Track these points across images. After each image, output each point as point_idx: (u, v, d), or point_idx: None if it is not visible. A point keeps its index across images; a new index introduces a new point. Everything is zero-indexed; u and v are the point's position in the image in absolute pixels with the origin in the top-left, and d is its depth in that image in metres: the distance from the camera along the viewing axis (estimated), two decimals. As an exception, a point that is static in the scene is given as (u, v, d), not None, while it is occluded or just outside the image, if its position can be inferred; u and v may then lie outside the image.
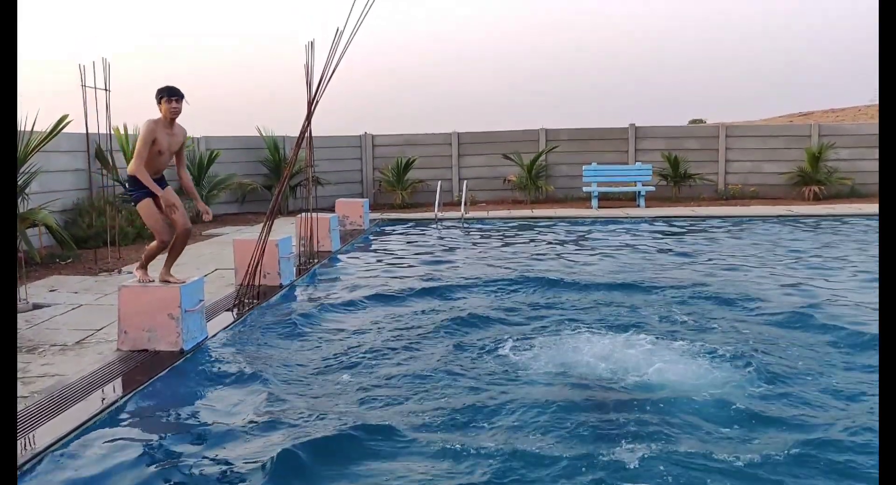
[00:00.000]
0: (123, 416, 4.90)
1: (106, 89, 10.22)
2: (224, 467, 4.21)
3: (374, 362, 6.03)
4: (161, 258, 6.53)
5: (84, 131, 10.17)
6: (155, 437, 4.66)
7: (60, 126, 9.53)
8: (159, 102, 6.08)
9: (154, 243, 6.39)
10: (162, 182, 6.29)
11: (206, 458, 4.37)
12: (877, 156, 18.56)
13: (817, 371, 5.69)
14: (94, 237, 11.14)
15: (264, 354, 6.30)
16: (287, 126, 21.10)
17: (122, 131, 13.40)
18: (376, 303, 8.14)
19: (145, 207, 6.18)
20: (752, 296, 8.19)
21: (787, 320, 7.20)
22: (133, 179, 6.14)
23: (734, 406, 4.98)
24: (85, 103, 9.96)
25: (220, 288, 8.57)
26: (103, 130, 10.45)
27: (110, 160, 11.40)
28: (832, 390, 5.34)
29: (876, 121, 27.48)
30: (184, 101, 6.14)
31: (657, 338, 6.48)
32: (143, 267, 6.41)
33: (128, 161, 13.64)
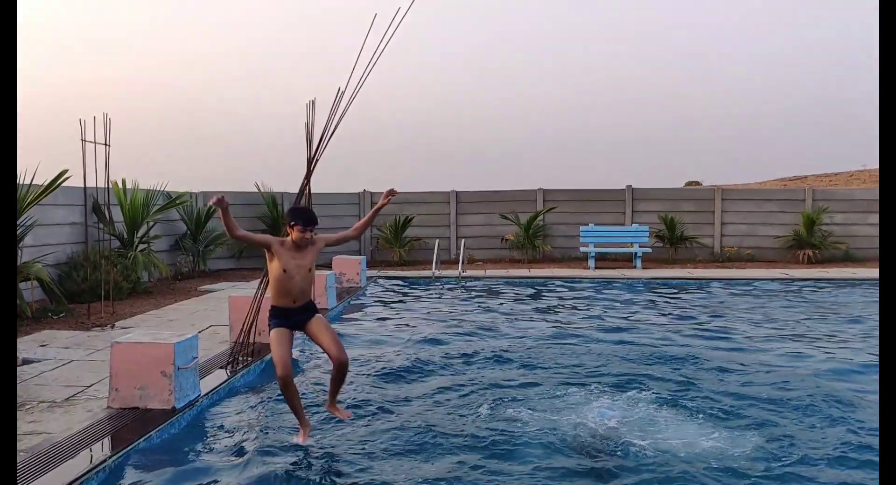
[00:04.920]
0: (112, 476, 4.76)
1: (106, 144, 10.32)
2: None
3: (369, 421, 5.91)
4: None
5: (82, 185, 10.20)
6: (142, 500, 4.52)
7: (60, 180, 9.59)
8: (290, 227, 5.33)
9: None
10: (304, 311, 5.46)
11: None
12: (870, 221, 18.80)
13: (816, 432, 5.61)
14: (89, 291, 11.07)
15: (258, 414, 6.17)
16: (286, 181, 21.28)
17: (120, 186, 13.48)
18: (373, 361, 8.03)
19: (272, 336, 5.37)
20: (748, 360, 8.13)
21: (784, 383, 7.17)
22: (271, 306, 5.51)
23: (734, 469, 4.92)
24: (84, 157, 10.04)
25: (214, 345, 8.46)
26: (102, 184, 10.50)
27: (107, 214, 11.43)
28: (831, 449, 5.30)
29: (868, 187, 27.87)
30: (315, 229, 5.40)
31: (654, 398, 6.42)
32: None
33: (125, 215, 13.80)
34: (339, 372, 5.39)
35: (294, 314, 5.42)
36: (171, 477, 4.84)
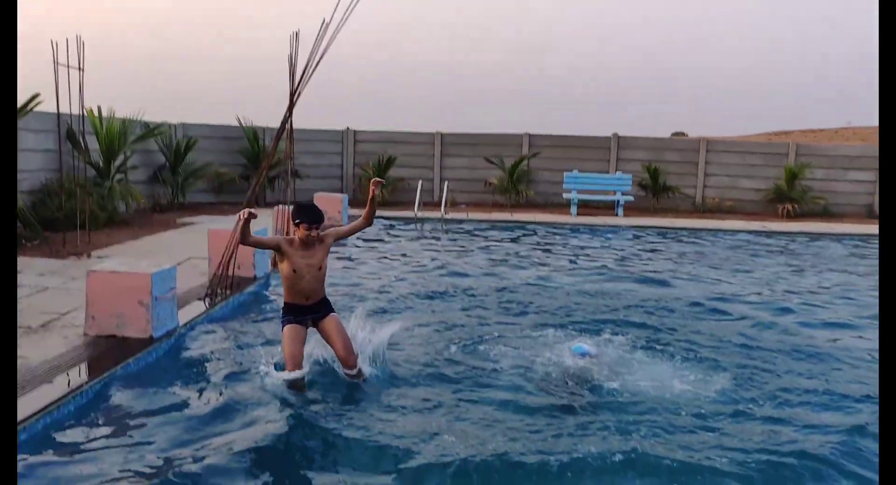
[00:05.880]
0: (89, 401, 4.77)
1: (80, 68, 9.94)
2: (188, 457, 4.10)
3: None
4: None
5: (55, 111, 9.86)
6: (120, 424, 4.54)
7: (31, 105, 9.27)
8: (296, 224, 5.25)
9: None
10: (317, 309, 5.36)
11: (172, 446, 4.26)
12: (850, 177, 18.94)
13: (785, 377, 5.76)
14: (64, 220, 10.86)
15: (236, 345, 6.18)
16: (267, 117, 20.86)
17: (95, 113, 13.11)
18: (351, 299, 8.04)
19: (284, 332, 5.29)
20: (723, 307, 8.27)
21: (757, 327, 7.37)
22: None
23: (705, 404, 5.08)
24: (57, 81, 9.67)
25: (193, 277, 8.40)
26: (76, 111, 10.16)
27: (82, 142, 11.14)
28: (800, 393, 5.48)
29: (852, 143, 27.95)
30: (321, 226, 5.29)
31: (628, 342, 6.53)
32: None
33: (101, 144, 13.47)
34: (350, 375, 5.31)
35: (307, 312, 5.32)
36: (148, 404, 4.86)
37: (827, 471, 4.17)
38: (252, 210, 4.93)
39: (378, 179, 5.48)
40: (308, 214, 5.20)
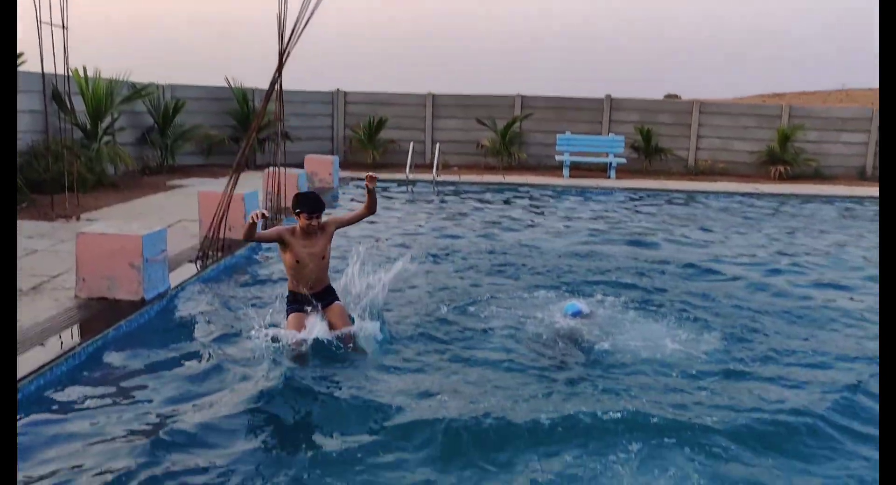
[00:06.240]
0: (81, 363, 4.77)
1: (63, 26, 9.71)
2: (180, 416, 4.13)
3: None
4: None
5: (40, 71, 9.66)
6: (113, 385, 4.56)
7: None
8: (296, 214, 5.24)
9: None
10: (320, 297, 5.37)
11: (164, 406, 4.29)
12: (842, 140, 18.93)
13: (774, 338, 5.83)
14: (51, 182, 10.74)
15: (227, 307, 6.17)
16: (257, 78, 20.49)
17: (81, 74, 12.86)
18: (342, 261, 8.02)
19: (288, 320, 5.33)
20: (715, 267, 8.32)
21: (749, 288, 7.44)
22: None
23: (697, 364, 5.13)
24: (40, 40, 9.46)
25: (184, 239, 8.36)
26: (60, 71, 9.96)
27: (68, 103, 10.95)
28: (791, 352, 5.56)
29: (845, 106, 27.82)
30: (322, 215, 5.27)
31: (620, 302, 6.57)
32: None
33: (87, 105, 13.23)
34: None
35: (310, 300, 5.31)
36: (140, 366, 4.87)
37: (820, 427, 4.21)
38: (265, 211, 4.91)
39: (372, 174, 5.43)
40: (308, 204, 5.18)
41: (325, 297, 5.39)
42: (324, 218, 5.32)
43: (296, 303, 5.31)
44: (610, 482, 3.61)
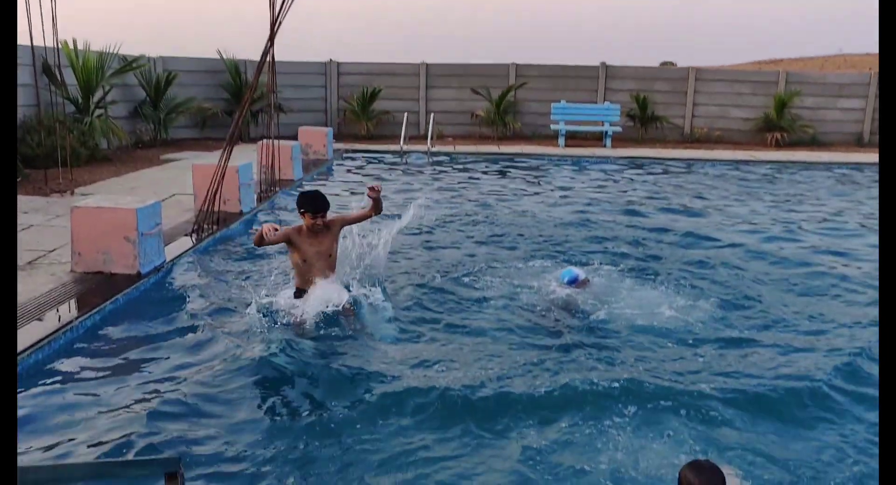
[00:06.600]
0: (79, 336, 4.80)
1: (52, -2, 9.54)
2: (177, 387, 4.16)
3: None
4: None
5: (29, 43, 9.51)
6: (111, 357, 4.59)
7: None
8: (301, 213, 5.29)
9: None
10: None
11: (161, 377, 4.32)
12: (839, 106, 18.82)
13: (774, 300, 5.89)
14: (44, 157, 10.67)
15: (223, 280, 6.19)
16: (249, 51, 20.27)
17: (70, 46, 12.69)
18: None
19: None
20: (712, 234, 8.34)
21: (746, 255, 7.46)
22: None
23: (694, 331, 5.17)
24: (28, 12, 9.30)
25: (178, 213, 8.34)
26: (50, 44, 9.81)
27: (59, 76, 10.83)
28: (786, 316, 5.61)
29: (842, 70, 27.63)
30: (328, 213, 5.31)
31: (617, 270, 6.59)
32: None
33: (78, 78, 13.08)
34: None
35: None
36: (137, 338, 4.90)
37: (816, 393, 4.23)
38: (277, 226, 4.94)
39: (375, 185, 5.43)
40: (312, 203, 5.23)
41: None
42: (330, 216, 5.36)
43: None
44: (605, 448, 3.65)
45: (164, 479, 2.22)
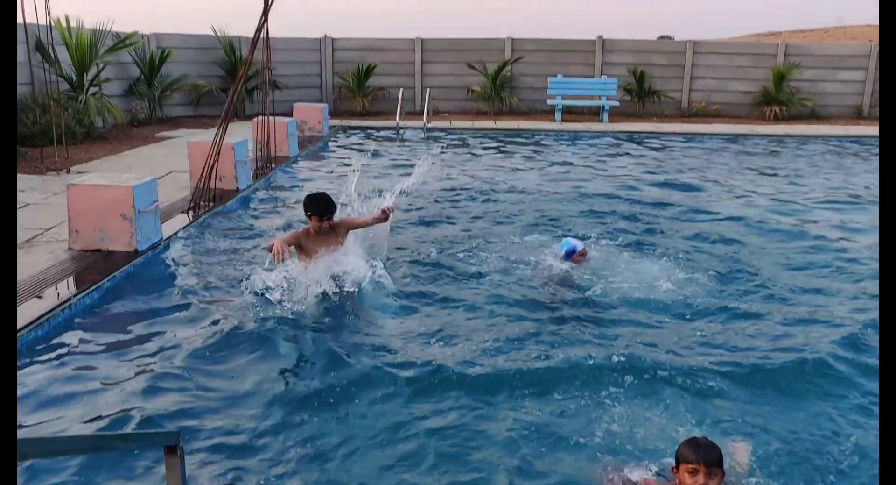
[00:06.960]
0: (77, 313, 4.82)
1: (45, -26, 9.45)
2: (176, 362, 4.20)
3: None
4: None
5: (21, 20, 9.42)
6: (110, 334, 4.61)
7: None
8: (308, 216, 5.35)
9: None
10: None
11: (160, 353, 4.35)
12: (839, 78, 18.69)
13: (774, 274, 5.91)
14: (40, 135, 10.62)
15: (220, 257, 6.20)
16: (243, 27, 20.08)
17: (63, 24, 12.56)
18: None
19: None
20: (710, 208, 8.35)
21: (744, 229, 7.48)
22: None
23: (692, 304, 5.19)
24: (21, -12, 9.20)
25: (175, 190, 8.33)
26: (42, 21, 9.72)
27: (52, 54, 10.74)
28: (783, 289, 5.63)
29: (842, 42, 27.43)
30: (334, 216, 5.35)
31: (615, 244, 6.61)
32: None
33: (71, 56, 12.97)
34: None
35: None
36: (136, 315, 4.92)
37: (814, 366, 4.24)
38: (289, 251, 4.98)
39: (387, 208, 5.43)
40: (318, 206, 5.28)
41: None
42: (336, 218, 5.41)
43: None
44: (602, 420, 3.68)
45: (164, 452, 2.24)
